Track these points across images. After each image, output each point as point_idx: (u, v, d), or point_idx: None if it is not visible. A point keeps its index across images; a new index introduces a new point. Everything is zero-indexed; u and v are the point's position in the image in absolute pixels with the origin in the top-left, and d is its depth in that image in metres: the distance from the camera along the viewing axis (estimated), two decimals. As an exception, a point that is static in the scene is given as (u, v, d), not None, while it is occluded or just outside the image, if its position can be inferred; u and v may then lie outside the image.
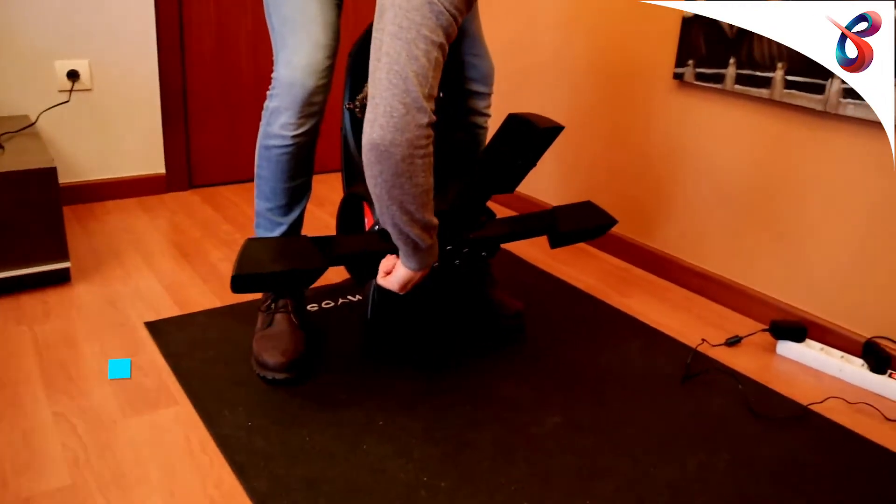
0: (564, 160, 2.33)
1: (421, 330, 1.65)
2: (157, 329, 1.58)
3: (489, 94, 1.70)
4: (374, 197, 1.16)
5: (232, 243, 2.09)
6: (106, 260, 1.93)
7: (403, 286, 1.31)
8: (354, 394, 1.39)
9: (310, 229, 2.19)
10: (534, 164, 1.40)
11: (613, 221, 1.70)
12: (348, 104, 1.59)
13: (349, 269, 1.63)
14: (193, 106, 2.46)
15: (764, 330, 1.72)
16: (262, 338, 1.46)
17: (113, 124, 2.31)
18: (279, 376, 1.40)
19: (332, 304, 1.76)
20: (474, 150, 1.72)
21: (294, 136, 1.42)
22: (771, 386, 1.52)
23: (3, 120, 2.04)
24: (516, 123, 1.28)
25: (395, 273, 1.30)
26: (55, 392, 1.36)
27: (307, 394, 1.38)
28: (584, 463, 1.24)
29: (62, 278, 1.76)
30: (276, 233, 1.52)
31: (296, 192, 1.51)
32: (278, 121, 1.42)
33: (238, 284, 1.20)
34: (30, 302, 1.68)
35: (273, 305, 1.51)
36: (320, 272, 1.30)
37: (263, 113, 1.45)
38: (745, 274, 1.85)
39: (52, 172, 1.66)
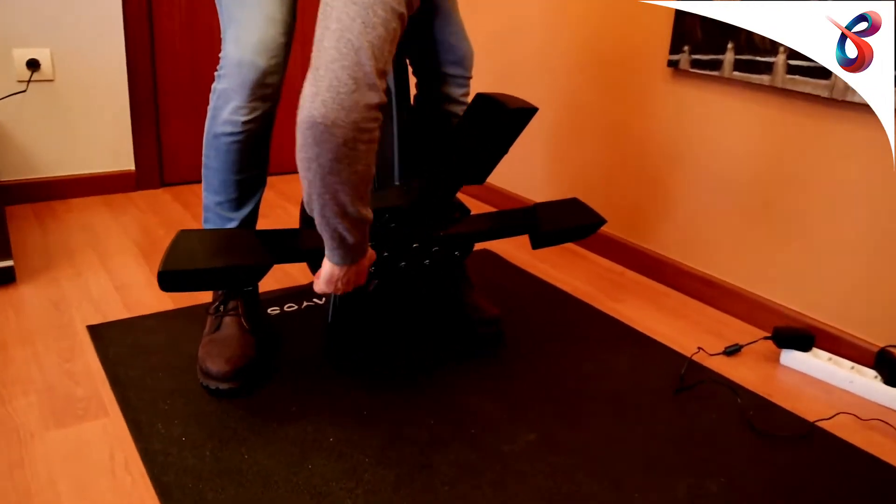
0: (553, 155, 2.19)
1: (386, 336, 1.50)
2: (99, 333, 1.45)
3: (467, 79, 1.56)
4: (304, 182, 1.02)
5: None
6: (58, 259, 1.80)
7: (330, 283, 1.16)
8: (306, 406, 1.25)
9: (284, 227, 2.06)
10: (504, 151, 1.25)
11: (601, 221, 1.56)
12: None
13: (311, 267, 1.49)
14: (165, 98, 2.33)
15: (766, 338, 1.56)
16: (208, 343, 1.33)
17: (78, 118, 2.19)
18: (223, 386, 1.26)
19: (296, 307, 1.62)
20: (450, 142, 1.59)
21: (245, 123, 1.28)
22: (773, 400, 1.36)
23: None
24: (484, 104, 1.14)
25: (322, 268, 1.16)
26: (-27, 401, 1.22)
27: (253, 405, 1.24)
28: (558, 487, 1.09)
29: (6, 278, 1.63)
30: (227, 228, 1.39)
31: (248, 185, 1.37)
32: (227, 105, 1.28)
33: (167, 281, 1.07)
34: (-34, 303, 1.55)
35: (222, 307, 1.37)
36: (264, 270, 1.16)
37: (211, 96, 1.32)
38: (747, 277, 1.70)
39: (-10, 163, 1.54)
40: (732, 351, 1.52)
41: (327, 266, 1.14)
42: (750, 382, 1.42)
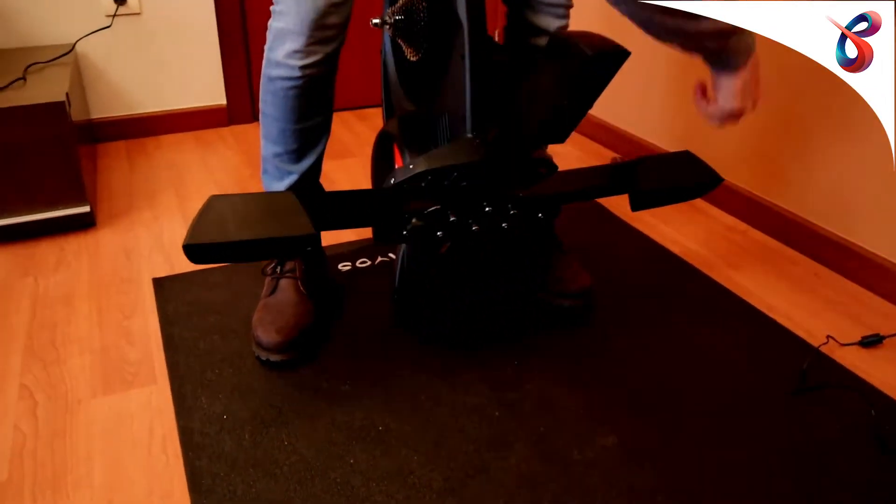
0: (672, 88, 1.90)
1: (459, 308, 1.35)
2: (163, 287, 1.40)
3: (566, 9, 1.31)
4: None
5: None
6: (139, 201, 1.77)
7: None
8: (360, 385, 1.14)
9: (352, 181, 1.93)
10: (588, 105, 1.03)
11: (716, 180, 1.31)
12: (375, 19, 1.28)
13: (375, 234, 1.36)
14: (255, 29, 2.22)
15: (919, 329, 1.28)
16: (263, 307, 1.24)
17: (167, 52, 2.13)
18: (273, 357, 1.17)
19: (369, 262, 1.50)
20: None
21: (303, 68, 1.14)
22: (921, 412, 1.11)
23: (44, 49, 1.90)
24: (559, 47, 0.93)
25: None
26: (32, 358, 1.20)
27: (303, 381, 1.15)
28: (633, 509, 0.93)
29: (86, 223, 1.62)
30: (286, 183, 1.27)
31: (309, 135, 1.24)
32: (283, 47, 1.14)
33: (195, 254, 0.96)
34: (46, 249, 1.54)
35: (279, 269, 1.27)
36: (309, 241, 1.03)
37: (267, 34, 1.18)
38: (900, 249, 1.40)
39: (60, 107, 1.49)
40: (871, 342, 1.26)
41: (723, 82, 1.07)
42: (890, 386, 1.16)
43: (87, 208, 1.59)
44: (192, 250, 0.95)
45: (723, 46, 1.04)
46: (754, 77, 1.08)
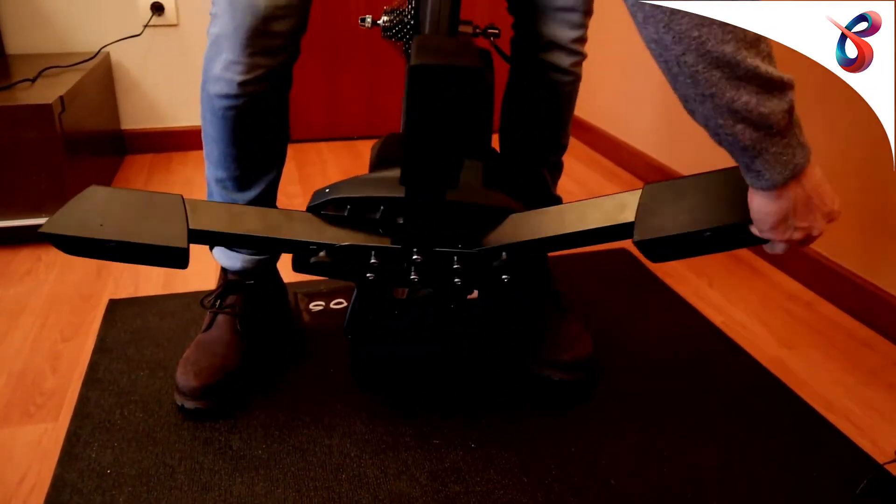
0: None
1: (407, 365, 1.13)
2: (114, 311, 1.27)
3: (582, 16, 1.08)
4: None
5: (288, 205, 1.72)
6: (137, 217, 1.67)
7: (780, 225, 0.76)
8: (276, 451, 0.95)
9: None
10: (457, 140, 0.77)
11: None
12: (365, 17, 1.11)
13: (294, 261, 1.15)
14: (295, 48, 2.13)
15: None
16: (195, 345, 1.08)
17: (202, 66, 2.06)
18: (188, 404, 1.00)
19: (345, 304, 1.32)
20: (555, 110, 1.16)
21: (243, 84, 0.97)
22: None
23: (77, 56, 1.86)
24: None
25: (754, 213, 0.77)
26: (-54, 377, 1.09)
27: (214, 437, 0.97)
28: None
29: (74, 234, 1.53)
30: (233, 211, 1.11)
31: (254, 163, 1.07)
32: (219, 58, 0.97)
33: (55, 243, 0.84)
34: (24, 258, 1.46)
35: (218, 302, 1.11)
36: (175, 255, 0.85)
37: (208, 40, 1.02)
38: None
39: (47, 110, 1.41)
40: (956, 468, 0.95)
41: (756, 201, 0.75)
42: (975, 536, 0.85)
43: (70, 219, 1.49)
44: (50, 239, 0.84)
45: (755, 146, 0.70)
46: (804, 204, 0.74)
